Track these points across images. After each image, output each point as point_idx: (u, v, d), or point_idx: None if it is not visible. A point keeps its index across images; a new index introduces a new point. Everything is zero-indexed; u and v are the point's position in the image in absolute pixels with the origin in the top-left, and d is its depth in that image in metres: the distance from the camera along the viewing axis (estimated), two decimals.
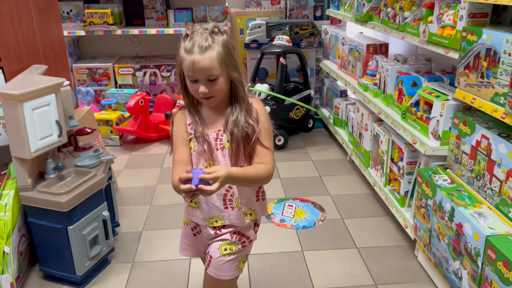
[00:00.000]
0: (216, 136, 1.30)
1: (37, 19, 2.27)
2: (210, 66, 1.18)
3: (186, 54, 1.19)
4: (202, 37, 1.18)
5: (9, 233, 1.85)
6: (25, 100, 1.71)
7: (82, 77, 4.22)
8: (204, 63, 1.17)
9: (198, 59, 1.17)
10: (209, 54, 1.18)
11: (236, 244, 1.39)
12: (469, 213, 1.63)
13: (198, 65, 1.17)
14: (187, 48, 1.19)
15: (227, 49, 1.21)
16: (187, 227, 1.49)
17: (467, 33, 1.73)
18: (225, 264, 1.38)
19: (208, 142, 1.29)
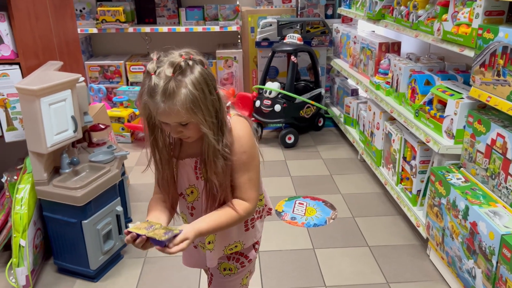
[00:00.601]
0: (194, 165, 1.17)
1: (53, 16, 2.29)
2: (177, 115, 1.01)
3: (150, 98, 1.01)
4: (166, 81, 0.99)
5: (25, 226, 1.88)
6: (42, 95, 1.73)
7: (94, 74, 4.25)
8: (170, 112, 1.01)
9: (162, 108, 1.00)
10: (174, 103, 0.99)
11: (234, 266, 1.31)
12: (483, 211, 1.62)
13: (164, 113, 1.02)
14: (149, 90, 1.01)
15: (197, 91, 1.01)
16: None
17: (483, 31, 1.72)
18: (226, 283, 1.33)
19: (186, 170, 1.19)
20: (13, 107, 1.94)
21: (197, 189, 1.21)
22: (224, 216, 1.15)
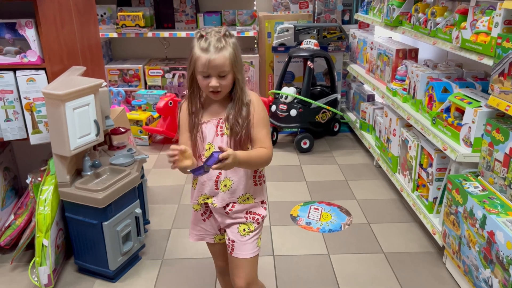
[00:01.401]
0: (217, 124, 1.43)
1: (77, 22, 2.36)
2: (223, 64, 1.32)
3: (202, 52, 1.31)
4: (217, 39, 1.32)
5: (48, 226, 1.94)
6: (67, 100, 1.79)
7: (113, 78, 4.33)
8: (219, 61, 1.31)
9: (214, 57, 1.30)
10: (223, 54, 1.32)
11: (252, 224, 1.52)
12: (501, 221, 1.62)
13: (214, 63, 1.31)
14: (203, 48, 1.31)
15: (237, 51, 1.36)
16: (197, 213, 1.57)
17: (503, 40, 1.72)
18: (247, 243, 1.52)
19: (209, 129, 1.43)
20: (39, 111, 2.00)
21: (213, 146, 1.43)
22: (257, 151, 1.42)
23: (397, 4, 2.94)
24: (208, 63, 1.31)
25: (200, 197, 1.50)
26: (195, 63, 1.34)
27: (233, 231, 1.52)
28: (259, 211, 1.54)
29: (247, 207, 1.51)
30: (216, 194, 1.48)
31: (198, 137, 1.44)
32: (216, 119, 1.43)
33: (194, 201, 1.55)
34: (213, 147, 1.43)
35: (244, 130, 1.41)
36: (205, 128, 1.43)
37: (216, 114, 1.44)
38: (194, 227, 1.61)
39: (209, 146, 1.44)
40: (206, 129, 1.43)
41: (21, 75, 1.96)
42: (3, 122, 2.03)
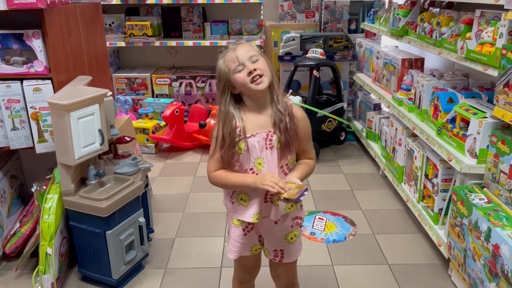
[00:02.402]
0: (266, 136, 1.42)
1: (84, 32, 2.39)
2: (250, 49, 1.37)
3: (227, 53, 1.38)
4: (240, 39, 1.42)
5: (52, 235, 1.95)
6: (72, 109, 1.81)
7: (121, 86, 4.38)
8: (245, 47, 1.37)
9: (239, 46, 1.37)
10: (244, 43, 1.40)
11: (297, 229, 1.57)
12: (506, 234, 1.59)
13: (242, 49, 1.36)
14: (228, 48, 1.39)
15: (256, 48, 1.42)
16: (238, 228, 1.54)
17: (507, 51, 1.70)
18: (295, 248, 1.60)
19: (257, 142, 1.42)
20: (45, 120, 2.03)
21: (262, 159, 1.43)
22: (306, 165, 1.48)
23: (403, 14, 2.94)
24: (237, 52, 1.35)
25: (255, 215, 1.47)
26: (226, 70, 1.37)
27: (280, 241, 1.55)
28: (300, 214, 1.57)
29: (292, 214, 1.53)
30: (270, 208, 1.47)
31: (242, 152, 1.42)
32: (264, 131, 1.42)
33: (238, 216, 1.51)
34: (262, 162, 1.42)
35: (292, 141, 1.42)
36: (251, 141, 1.41)
37: (263, 126, 1.42)
38: (234, 244, 1.57)
39: (259, 161, 1.42)
40: (254, 143, 1.41)
41: (28, 85, 1.99)
42: (10, 131, 2.06)
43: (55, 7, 2.03)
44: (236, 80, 1.37)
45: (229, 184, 1.46)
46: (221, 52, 1.41)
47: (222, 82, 1.40)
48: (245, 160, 1.43)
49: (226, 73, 1.38)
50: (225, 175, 1.45)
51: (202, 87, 4.33)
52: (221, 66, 1.39)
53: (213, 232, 2.56)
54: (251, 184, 1.39)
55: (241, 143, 1.41)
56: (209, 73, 4.36)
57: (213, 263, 2.28)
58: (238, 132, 1.41)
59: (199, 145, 3.86)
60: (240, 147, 1.42)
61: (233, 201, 1.51)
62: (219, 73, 1.39)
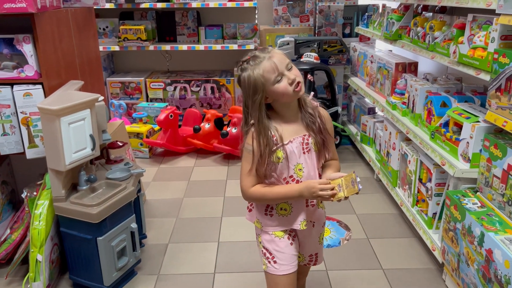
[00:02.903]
0: (302, 141, 1.41)
1: (76, 37, 2.38)
2: (284, 56, 1.35)
3: (260, 63, 1.32)
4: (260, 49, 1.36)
5: (42, 241, 1.93)
6: (62, 115, 1.79)
7: (115, 90, 4.36)
8: (280, 55, 1.34)
9: (273, 54, 1.33)
10: (274, 50, 1.36)
11: (324, 231, 1.62)
12: (499, 239, 1.59)
13: (278, 58, 1.33)
14: (256, 61, 1.33)
15: None
16: (283, 239, 1.48)
17: (499, 55, 1.70)
18: (322, 248, 1.63)
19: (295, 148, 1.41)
20: (35, 125, 2.01)
21: (301, 164, 1.42)
22: (334, 166, 1.49)
23: (396, 18, 2.94)
24: (275, 61, 1.31)
25: (302, 222, 1.46)
26: (263, 81, 1.31)
27: (315, 244, 1.57)
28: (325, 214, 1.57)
29: (323, 213, 1.55)
30: (313, 213, 1.48)
31: (281, 161, 1.39)
32: (299, 136, 1.41)
33: (281, 227, 1.47)
34: (302, 167, 1.41)
35: (327, 140, 1.43)
36: (290, 148, 1.39)
37: (297, 131, 1.42)
38: (285, 257, 1.47)
39: (300, 167, 1.41)
40: (292, 149, 1.39)
41: (18, 90, 1.97)
42: (0, 136, 2.04)
43: (46, 12, 2.02)
44: (277, 91, 1.34)
45: (272, 199, 1.42)
46: (245, 62, 1.35)
47: (258, 94, 1.33)
48: (284, 168, 1.41)
49: (263, 85, 1.32)
50: (266, 190, 1.41)
51: (197, 91, 4.32)
52: (256, 78, 1.32)
53: (207, 238, 2.54)
54: (298, 195, 1.37)
55: (279, 151, 1.39)
56: (203, 77, 4.35)
57: (206, 269, 2.26)
58: (274, 141, 1.38)
59: (193, 149, 3.85)
60: (278, 156, 1.39)
61: (272, 214, 1.47)
62: (255, 85, 1.32)
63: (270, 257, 1.48)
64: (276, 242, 1.48)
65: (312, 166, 1.43)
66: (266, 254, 1.49)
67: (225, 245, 2.46)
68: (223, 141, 3.59)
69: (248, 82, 1.33)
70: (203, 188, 3.18)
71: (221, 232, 2.59)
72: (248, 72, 1.33)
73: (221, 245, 2.46)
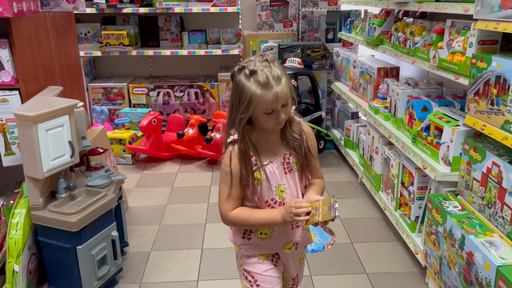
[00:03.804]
0: (283, 160, 1.32)
1: (55, 42, 2.34)
2: (287, 92, 1.23)
3: (264, 89, 1.20)
4: (271, 70, 1.22)
5: (19, 251, 1.88)
6: (39, 121, 1.75)
7: (97, 96, 4.30)
8: (284, 91, 1.22)
9: (279, 89, 1.21)
10: (283, 82, 1.22)
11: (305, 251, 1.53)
12: (480, 241, 1.60)
13: (279, 96, 1.21)
14: (263, 83, 1.20)
15: (286, 72, 1.27)
16: (266, 262, 1.40)
17: (477, 60, 1.73)
18: (302, 268, 1.55)
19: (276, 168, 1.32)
20: (12, 132, 1.96)
21: (283, 185, 1.33)
22: (317, 185, 1.38)
23: (378, 24, 2.97)
24: (276, 98, 1.20)
25: (286, 245, 1.38)
26: (257, 104, 1.20)
27: (296, 266, 1.48)
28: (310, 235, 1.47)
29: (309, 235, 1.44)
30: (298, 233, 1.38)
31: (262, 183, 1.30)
32: (280, 156, 1.32)
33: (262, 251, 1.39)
34: (284, 188, 1.32)
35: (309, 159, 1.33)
36: (270, 169, 1.30)
37: (277, 150, 1.32)
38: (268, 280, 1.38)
39: (282, 188, 1.32)
40: (272, 170, 1.30)
41: None
42: None
43: (23, 16, 1.98)
44: (259, 119, 1.25)
45: (254, 224, 1.32)
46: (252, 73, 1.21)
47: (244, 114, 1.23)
48: (265, 190, 1.31)
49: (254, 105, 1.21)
50: (247, 214, 1.31)
51: (180, 96, 4.30)
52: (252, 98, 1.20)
53: (190, 245, 2.51)
54: (280, 220, 1.27)
55: (258, 173, 1.29)
56: (187, 83, 4.32)
57: (189, 277, 2.23)
58: (254, 162, 1.29)
59: (177, 155, 3.81)
60: (257, 178, 1.30)
61: (250, 237, 1.37)
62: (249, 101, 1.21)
63: (253, 280, 1.39)
64: (257, 266, 1.39)
65: (294, 186, 1.35)
66: (248, 277, 1.41)
67: (208, 252, 2.44)
68: (207, 146, 3.57)
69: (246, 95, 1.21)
70: (186, 195, 3.14)
71: (205, 239, 2.57)
72: (250, 85, 1.21)
73: (204, 252, 2.44)
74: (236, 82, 1.23)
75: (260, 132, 1.31)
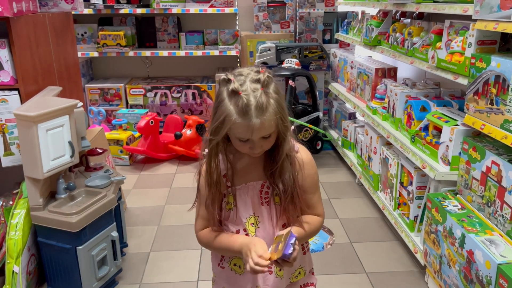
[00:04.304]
0: (260, 188, 1.14)
1: (53, 42, 2.33)
2: (268, 127, 1.03)
3: (241, 117, 1.00)
4: (257, 96, 1.00)
5: (19, 252, 1.87)
6: (39, 121, 1.74)
7: (94, 97, 4.29)
8: (263, 126, 1.02)
9: (257, 124, 1.01)
10: (267, 115, 1.02)
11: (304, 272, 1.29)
12: (480, 240, 1.61)
13: (256, 129, 1.02)
14: (241, 110, 1.00)
15: (280, 103, 1.05)
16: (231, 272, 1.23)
17: (476, 60, 1.74)
18: None
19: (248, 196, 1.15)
20: (11, 132, 1.95)
21: (256, 218, 1.15)
22: (312, 225, 1.16)
23: (375, 24, 2.99)
24: (252, 130, 1.01)
25: None
26: (229, 125, 1.02)
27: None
28: (311, 280, 1.30)
29: (299, 282, 1.27)
30: (268, 279, 1.18)
31: (232, 208, 1.14)
32: (257, 182, 1.14)
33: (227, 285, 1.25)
34: (257, 221, 1.14)
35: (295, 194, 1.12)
36: (243, 194, 1.14)
37: (255, 175, 1.14)
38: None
39: (253, 221, 1.14)
40: (245, 196, 1.14)
41: None
42: None
43: (22, 16, 1.97)
44: (233, 141, 1.09)
45: (217, 248, 1.18)
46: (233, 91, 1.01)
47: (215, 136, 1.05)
48: (233, 218, 1.15)
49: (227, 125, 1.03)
50: (211, 237, 1.17)
51: (178, 97, 4.29)
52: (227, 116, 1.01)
53: (189, 245, 2.51)
54: (238, 252, 1.10)
55: (230, 196, 1.13)
56: (184, 83, 4.32)
57: (189, 277, 2.23)
58: (224, 182, 1.13)
59: (174, 156, 3.81)
60: (229, 201, 1.14)
61: (224, 266, 1.23)
62: (222, 121, 1.02)
63: None
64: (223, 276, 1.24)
65: (270, 221, 1.15)
66: None
67: (208, 252, 2.42)
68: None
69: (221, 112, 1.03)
70: (185, 195, 3.14)
71: None
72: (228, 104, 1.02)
73: (204, 252, 2.43)
74: (219, 91, 1.06)
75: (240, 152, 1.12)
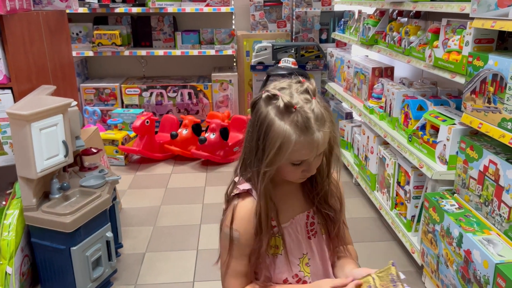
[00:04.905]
0: (306, 221, 1.01)
1: (47, 41, 2.30)
2: (325, 140, 0.93)
3: (303, 135, 0.89)
4: (312, 107, 0.90)
5: (12, 253, 1.84)
6: (33, 120, 1.72)
7: (89, 96, 4.26)
8: (324, 140, 0.91)
9: (320, 138, 0.90)
10: (326, 127, 0.92)
11: None
12: (477, 239, 1.60)
13: (320, 144, 0.91)
14: (302, 127, 0.88)
15: (330, 111, 0.96)
16: None
17: (473, 58, 1.73)
18: None
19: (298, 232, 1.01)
20: (4, 132, 1.93)
21: (306, 254, 1.01)
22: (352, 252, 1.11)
23: (372, 23, 2.98)
24: (316, 146, 0.90)
25: None
26: (290, 148, 0.89)
27: None
28: None
29: None
30: None
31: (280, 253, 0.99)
32: (302, 214, 1.01)
33: None
34: (307, 259, 1.00)
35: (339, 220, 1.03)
36: (292, 232, 1.00)
37: (298, 206, 1.01)
38: None
39: (306, 260, 1.00)
40: (295, 233, 1.00)
41: None
42: None
43: (16, 14, 1.94)
44: (282, 169, 0.95)
45: None
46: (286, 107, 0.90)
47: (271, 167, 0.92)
48: (283, 264, 0.98)
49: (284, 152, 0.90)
50: None
51: (173, 97, 4.27)
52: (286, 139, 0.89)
53: (185, 246, 2.49)
54: None
55: (277, 238, 0.98)
56: (180, 83, 4.30)
57: (185, 278, 2.21)
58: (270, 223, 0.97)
59: (170, 156, 3.78)
60: (276, 245, 0.98)
61: None
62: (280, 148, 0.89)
63: None
64: None
65: (321, 256, 1.03)
66: None
67: (204, 253, 2.41)
68: (201, 147, 3.55)
69: (275, 139, 0.89)
70: (181, 195, 3.12)
71: (200, 240, 2.54)
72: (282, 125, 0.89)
73: (200, 253, 2.41)
74: (259, 114, 0.91)
75: (278, 183, 0.99)
